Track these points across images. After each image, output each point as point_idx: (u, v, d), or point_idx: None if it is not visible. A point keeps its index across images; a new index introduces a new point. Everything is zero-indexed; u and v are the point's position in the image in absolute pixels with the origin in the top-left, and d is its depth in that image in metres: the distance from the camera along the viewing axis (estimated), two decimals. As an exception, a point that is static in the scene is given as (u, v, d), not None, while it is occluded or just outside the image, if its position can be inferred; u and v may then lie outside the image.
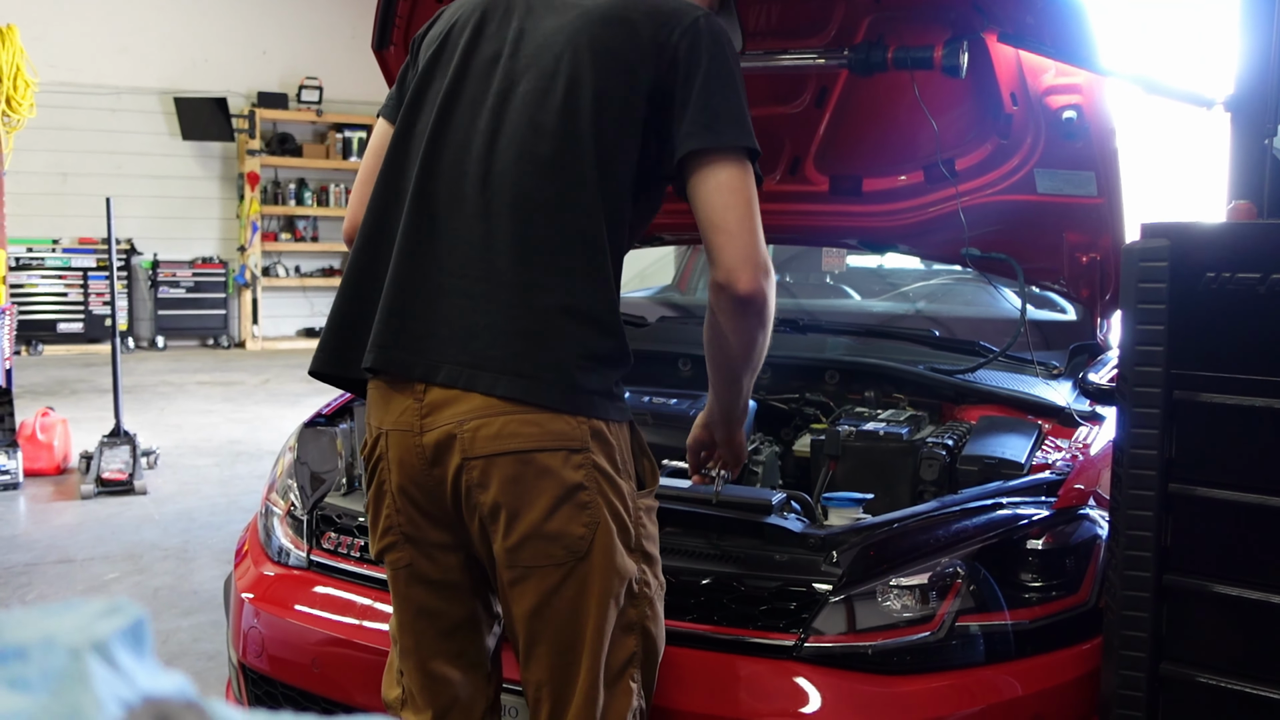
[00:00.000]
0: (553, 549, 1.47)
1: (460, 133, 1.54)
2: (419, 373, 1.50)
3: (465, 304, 1.48)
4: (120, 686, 0.40)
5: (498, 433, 1.45)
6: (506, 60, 1.55)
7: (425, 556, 1.59)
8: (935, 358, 2.57)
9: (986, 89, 2.34)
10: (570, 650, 1.51)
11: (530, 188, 1.48)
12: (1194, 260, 1.52)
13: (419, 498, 1.55)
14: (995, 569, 1.79)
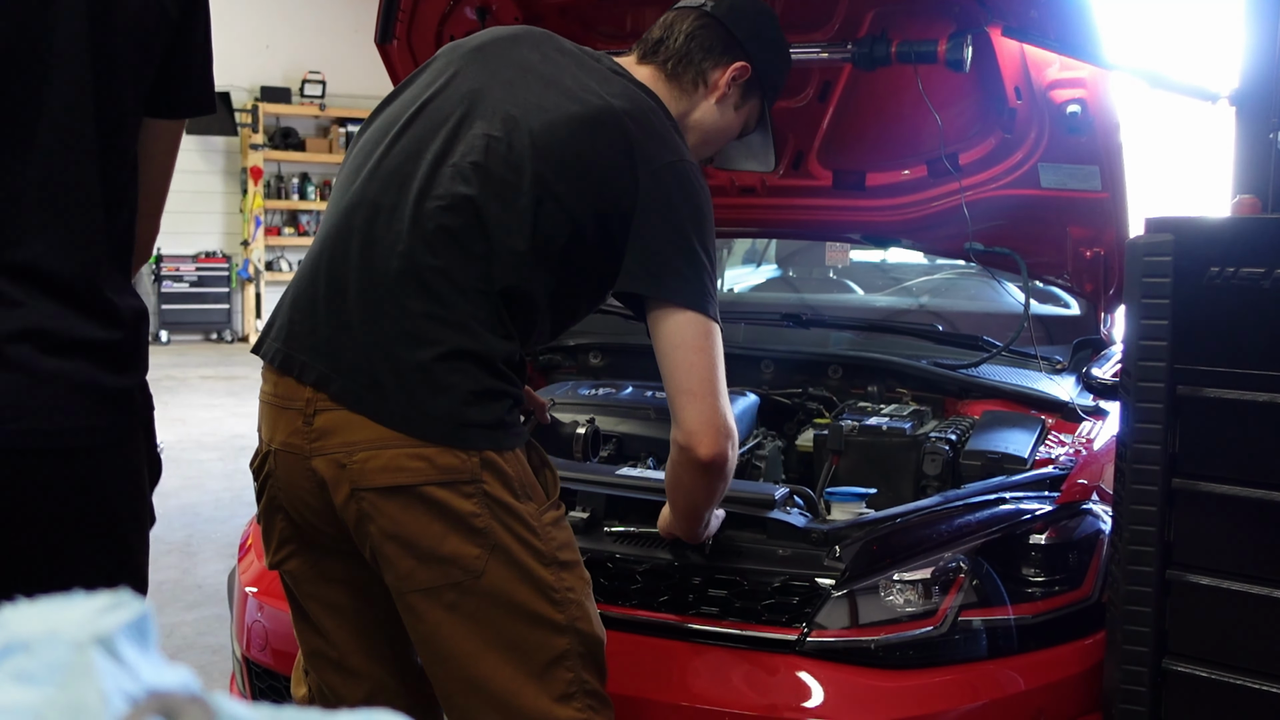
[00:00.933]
0: (450, 570, 1.44)
1: (409, 161, 1.51)
2: (312, 378, 1.46)
3: (366, 319, 1.45)
4: (125, 680, 0.40)
5: (386, 465, 1.42)
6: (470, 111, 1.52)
7: (328, 557, 1.58)
8: (938, 352, 2.57)
9: (990, 83, 2.34)
10: (473, 663, 1.47)
11: (450, 235, 1.45)
12: (1198, 255, 1.51)
13: (312, 517, 1.53)
14: (998, 564, 1.79)
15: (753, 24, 1.70)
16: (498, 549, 1.44)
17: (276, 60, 10.87)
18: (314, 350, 1.47)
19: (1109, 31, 2.04)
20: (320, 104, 10.84)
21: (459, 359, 1.43)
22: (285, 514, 1.55)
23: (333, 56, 10.89)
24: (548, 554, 1.49)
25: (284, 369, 1.49)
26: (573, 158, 1.48)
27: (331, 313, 1.47)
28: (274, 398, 1.52)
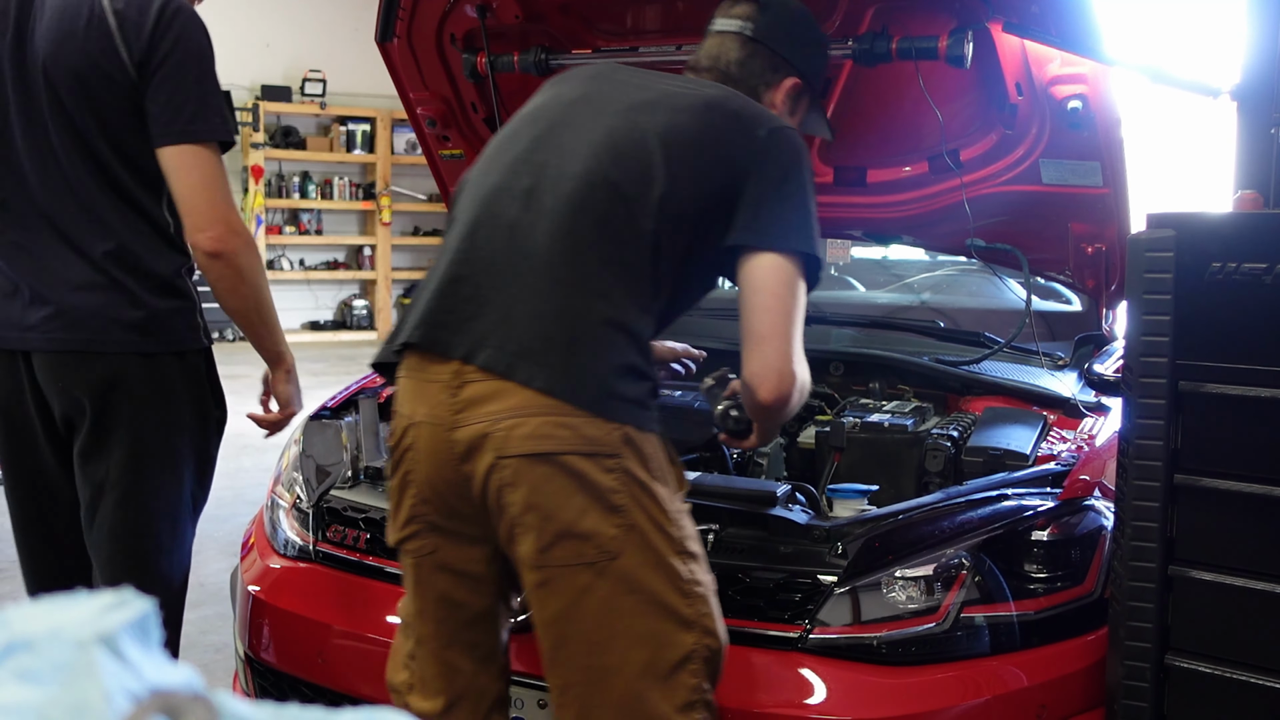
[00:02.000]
0: (584, 548, 1.45)
1: (545, 150, 1.61)
2: (460, 352, 1.50)
3: (517, 294, 1.51)
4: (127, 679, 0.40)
5: (532, 433, 1.45)
6: (611, 102, 1.65)
7: (451, 546, 1.59)
8: (940, 349, 2.57)
9: (991, 79, 2.33)
10: (602, 650, 1.48)
11: (594, 216, 1.54)
12: (1200, 250, 1.51)
13: (447, 492, 1.54)
14: (1000, 560, 1.79)
15: (793, 36, 1.82)
16: (634, 530, 1.46)
17: (277, 59, 10.87)
18: (459, 328, 1.52)
19: (1110, 27, 2.03)
20: (321, 102, 10.84)
21: (609, 330, 1.49)
22: (417, 489, 1.57)
23: (333, 55, 10.88)
24: (678, 541, 1.50)
25: (428, 347, 1.54)
26: (694, 138, 1.59)
27: (479, 291, 1.53)
28: (416, 375, 1.56)
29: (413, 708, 1.65)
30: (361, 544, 2.14)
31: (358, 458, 2.27)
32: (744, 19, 1.80)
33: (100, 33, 1.83)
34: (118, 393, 1.91)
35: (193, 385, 1.97)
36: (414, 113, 2.88)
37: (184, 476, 1.98)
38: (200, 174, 1.85)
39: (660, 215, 1.53)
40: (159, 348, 1.93)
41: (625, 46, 2.60)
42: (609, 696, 1.48)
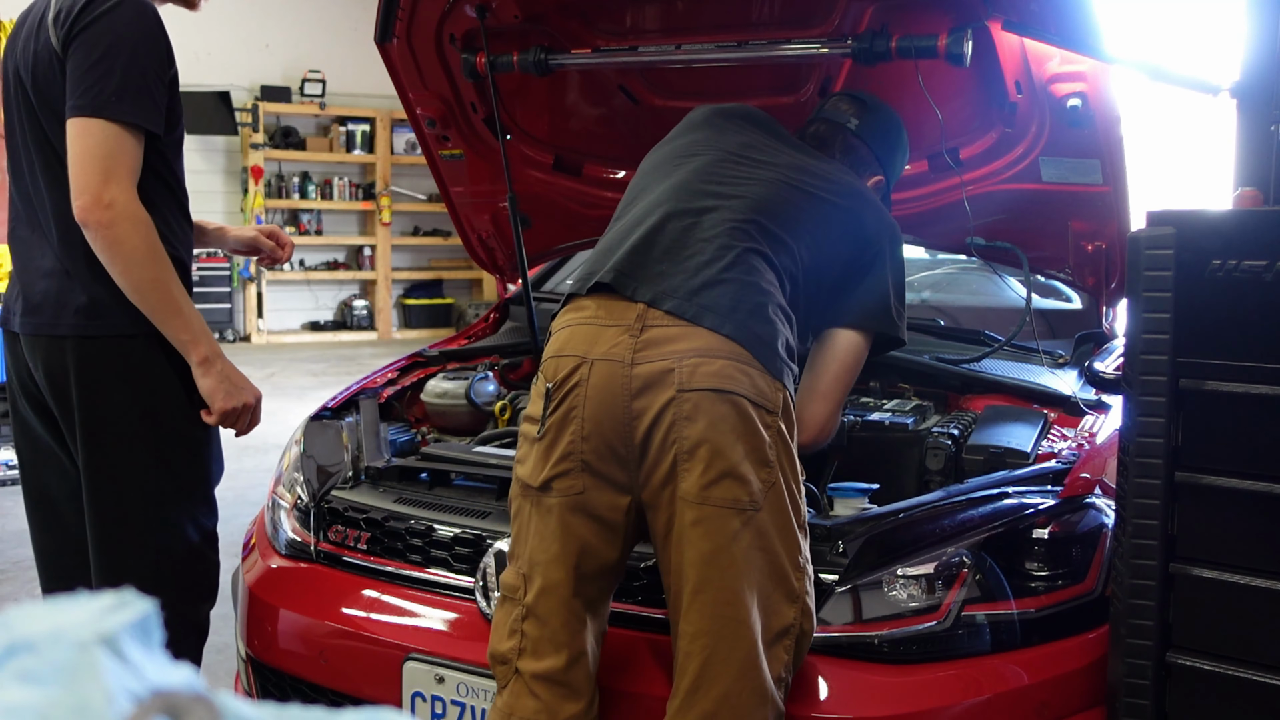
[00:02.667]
0: (740, 492, 1.54)
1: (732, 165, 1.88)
2: (647, 297, 1.66)
3: (704, 262, 1.69)
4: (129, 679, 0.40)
5: (718, 372, 1.58)
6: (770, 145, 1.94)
7: (597, 489, 1.63)
8: (940, 347, 2.57)
9: (991, 77, 2.33)
10: (738, 602, 1.54)
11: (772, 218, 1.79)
12: (1200, 248, 1.51)
13: (609, 430, 1.61)
14: (1001, 558, 1.79)
15: (887, 141, 2.11)
16: (775, 488, 1.58)
17: (276, 59, 10.87)
18: (649, 280, 1.68)
19: (1110, 25, 2.03)
20: (320, 103, 10.84)
21: (779, 309, 1.70)
22: (579, 425, 1.63)
23: (333, 55, 10.89)
24: (801, 514, 1.63)
25: (615, 290, 1.69)
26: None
27: (668, 255, 1.71)
28: (596, 318, 1.69)
29: (525, 672, 1.65)
30: (363, 544, 2.14)
31: (358, 458, 2.27)
32: (851, 115, 2.09)
33: (43, 28, 1.90)
34: (70, 376, 1.95)
35: (149, 367, 1.96)
36: (413, 113, 2.88)
37: (151, 459, 1.97)
38: (80, 145, 1.84)
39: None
40: (104, 330, 1.94)
41: (625, 46, 2.60)
42: (735, 651, 1.54)
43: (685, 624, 1.57)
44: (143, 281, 1.90)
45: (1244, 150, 1.97)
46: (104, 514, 1.98)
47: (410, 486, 2.22)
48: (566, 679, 1.65)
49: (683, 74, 2.71)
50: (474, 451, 2.27)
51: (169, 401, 1.99)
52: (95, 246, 1.87)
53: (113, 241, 1.86)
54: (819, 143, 2.06)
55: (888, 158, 2.11)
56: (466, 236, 3.21)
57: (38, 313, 1.97)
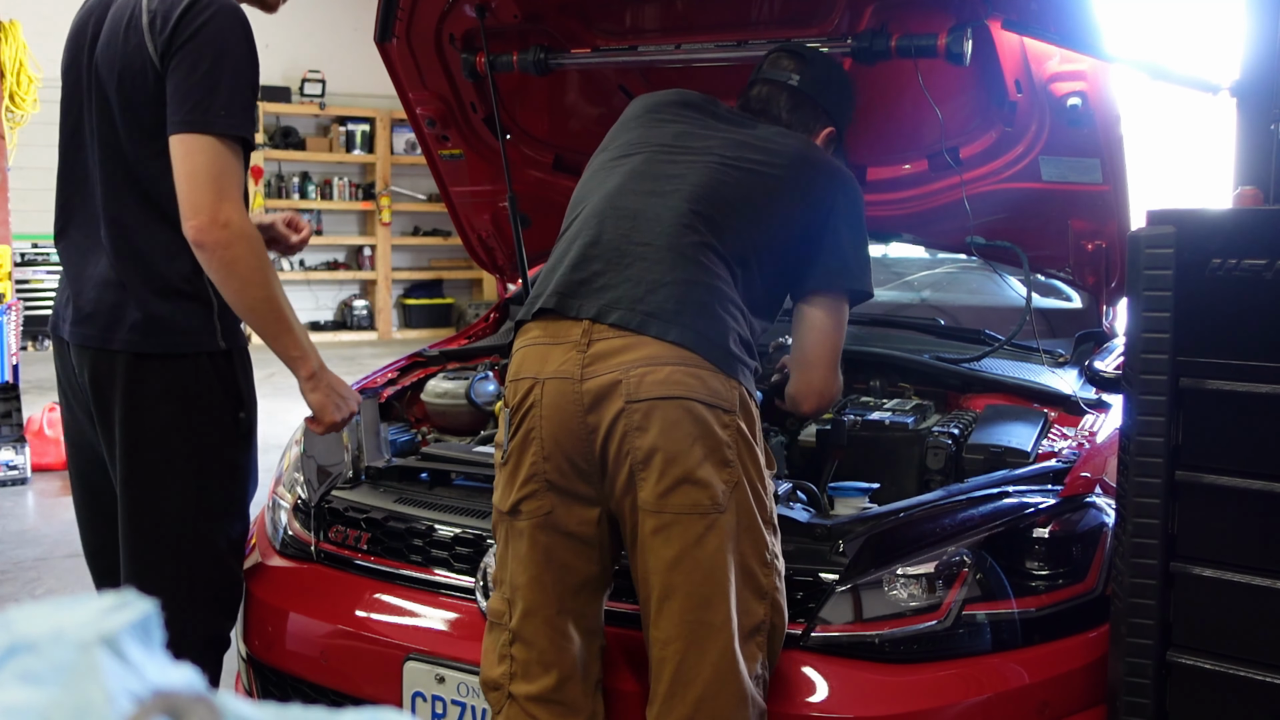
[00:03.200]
0: (700, 497, 1.54)
1: (662, 163, 1.85)
2: (590, 313, 1.64)
3: (646, 267, 1.67)
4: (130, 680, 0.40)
5: (664, 379, 1.57)
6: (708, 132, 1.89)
7: (565, 506, 1.64)
8: (940, 346, 2.57)
9: (991, 76, 2.33)
10: (706, 606, 1.55)
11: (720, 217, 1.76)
12: (1200, 247, 1.51)
13: (568, 446, 1.61)
14: (1002, 557, 1.79)
15: (832, 90, 2.06)
16: (739, 488, 1.57)
17: (276, 59, 10.86)
18: (590, 295, 1.67)
19: (1109, 24, 2.03)
20: (320, 103, 10.84)
21: (728, 305, 1.67)
22: (539, 445, 1.64)
23: (332, 55, 10.88)
24: (768, 511, 1.62)
25: (559, 311, 1.68)
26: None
27: (608, 266, 1.69)
28: (544, 338, 1.69)
29: (519, 695, 1.66)
30: (363, 544, 2.14)
31: (359, 458, 2.27)
32: (791, 71, 2.03)
33: (134, 31, 1.86)
34: (117, 390, 1.93)
35: (198, 387, 1.95)
36: (413, 113, 2.88)
37: (190, 478, 1.96)
38: (192, 163, 1.82)
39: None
40: (157, 349, 1.93)
41: (624, 45, 2.60)
42: (707, 654, 1.54)
43: (655, 630, 1.58)
44: (257, 300, 1.89)
45: (1244, 149, 1.96)
46: (137, 525, 1.97)
47: (410, 486, 2.22)
48: (561, 697, 1.66)
49: (682, 73, 2.71)
50: (474, 451, 2.27)
51: (213, 423, 1.97)
52: (209, 266, 1.85)
53: (230, 261, 1.84)
54: (763, 105, 2.01)
55: (835, 107, 2.05)
56: (466, 236, 3.21)
57: (88, 323, 1.95)
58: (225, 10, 1.84)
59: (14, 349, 5.53)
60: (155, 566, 1.98)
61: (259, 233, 1.90)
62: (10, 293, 5.75)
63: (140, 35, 1.85)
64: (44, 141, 10.64)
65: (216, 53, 1.82)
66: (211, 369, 1.96)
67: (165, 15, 1.83)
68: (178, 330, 1.93)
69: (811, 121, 2.02)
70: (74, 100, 1.99)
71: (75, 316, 1.98)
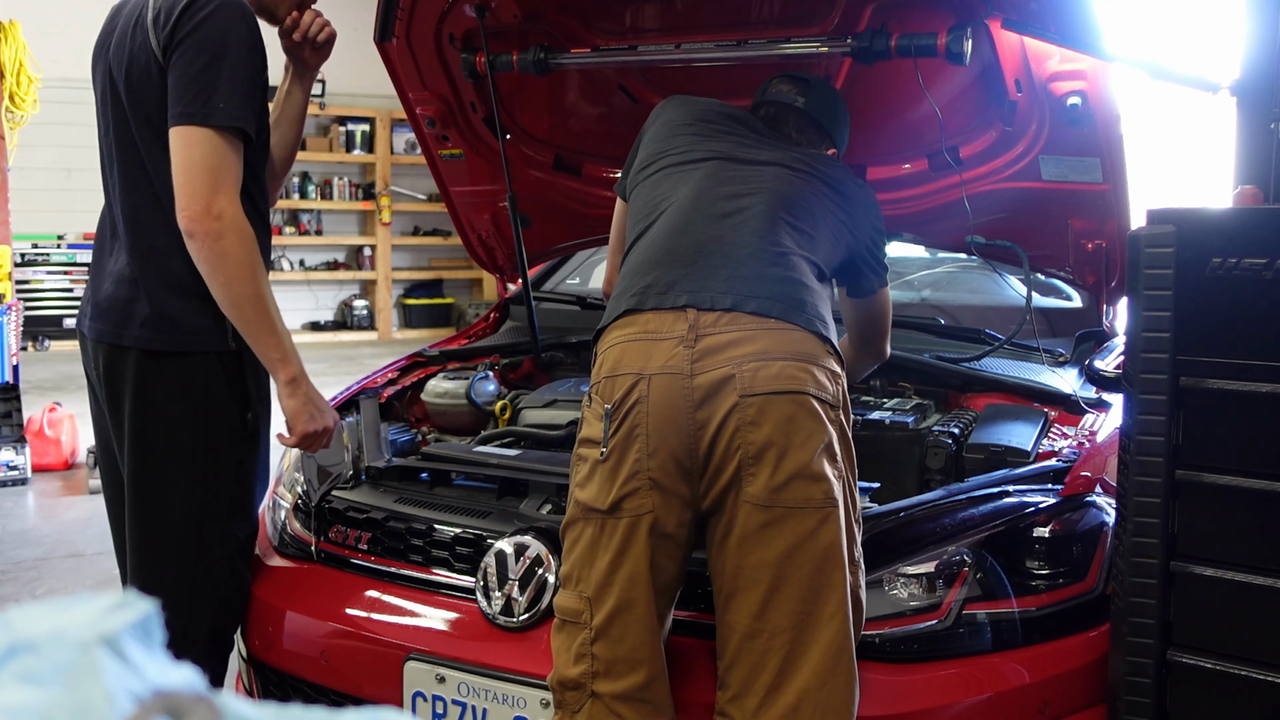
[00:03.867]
0: (814, 491, 1.55)
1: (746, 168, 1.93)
2: (697, 303, 1.66)
3: (743, 261, 1.72)
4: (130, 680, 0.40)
5: (778, 374, 1.58)
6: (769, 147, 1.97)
7: (664, 506, 1.62)
8: (941, 346, 2.57)
9: (991, 76, 2.33)
10: (818, 597, 1.55)
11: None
12: (1200, 246, 1.51)
13: (675, 443, 1.60)
14: (1002, 557, 1.79)
15: (834, 113, 2.15)
16: (844, 483, 1.59)
17: (275, 59, 10.82)
18: (690, 287, 1.69)
19: (1109, 23, 2.03)
20: (320, 103, 10.84)
21: (819, 300, 1.73)
22: (645, 442, 1.61)
23: (332, 55, 10.84)
24: (858, 510, 1.65)
25: (657, 306, 1.69)
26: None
27: (703, 263, 1.72)
28: (647, 333, 1.68)
29: (604, 694, 1.63)
30: (364, 544, 2.14)
31: (359, 458, 2.27)
32: (795, 94, 2.10)
33: (140, 28, 1.88)
34: (127, 385, 1.95)
35: (206, 386, 1.96)
36: (413, 112, 2.88)
37: (196, 475, 1.97)
38: (187, 155, 1.82)
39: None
40: (167, 346, 1.94)
41: (624, 45, 2.60)
42: (818, 644, 1.55)
43: (763, 622, 1.56)
44: (242, 296, 1.87)
45: (1244, 148, 1.96)
46: (143, 521, 1.99)
47: (411, 486, 2.22)
48: (649, 695, 1.63)
49: (682, 73, 2.71)
50: (474, 451, 2.27)
51: (221, 422, 1.98)
52: (198, 257, 1.85)
53: (219, 254, 1.83)
54: (773, 125, 2.09)
55: (836, 130, 2.15)
56: (466, 236, 3.20)
57: (103, 319, 1.98)
58: (227, 5, 1.85)
59: (14, 349, 5.53)
60: (160, 563, 1.99)
61: (251, 228, 1.89)
62: (10, 293, 5.75)
63: (145, 32, 1.87)
64: (44, 142, 10.72)
65: (217, 46, 1.83)
66: (220, 368, 1.97)
67: (169, 11, 1.85)
68: (187, 328, 1.94)
69: (818, 141, 2.11)
70: (100, 103, 2.03)
71: (93, 312, 2.01)
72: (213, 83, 1.82)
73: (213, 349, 1.96)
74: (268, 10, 2.07)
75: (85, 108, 10.01)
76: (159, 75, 1.87)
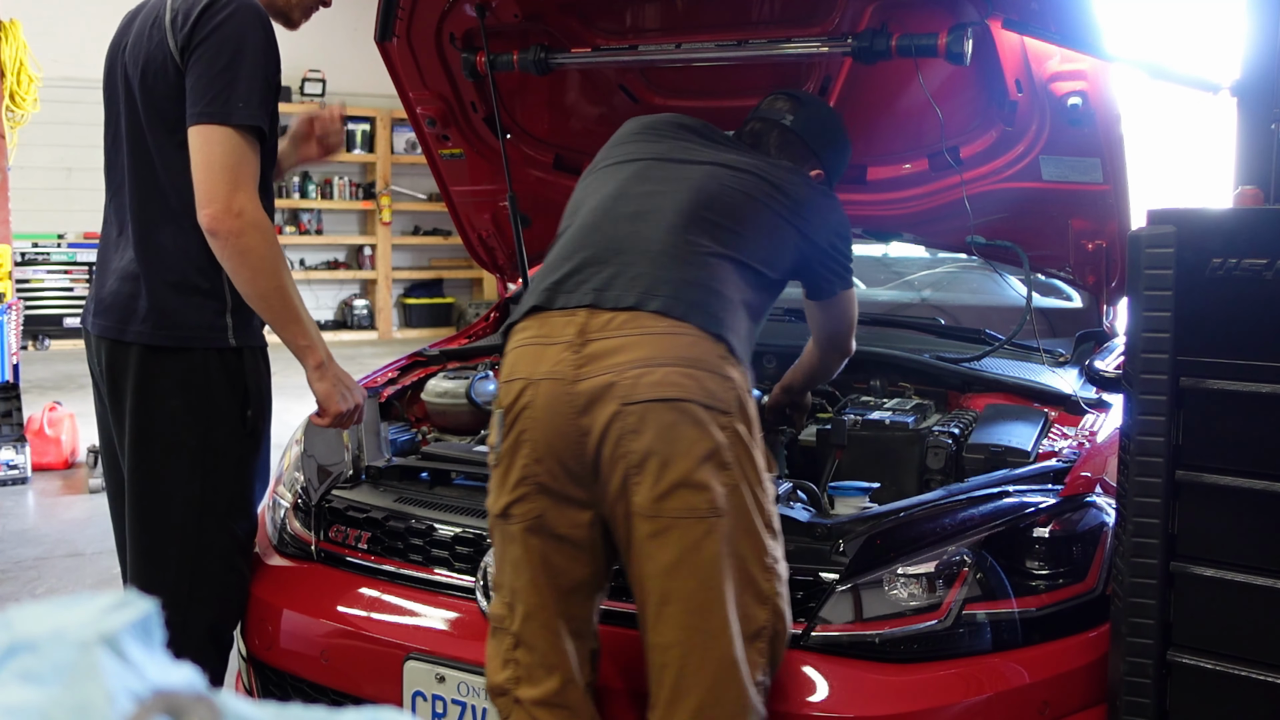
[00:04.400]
0: (698, 500, 1.52)
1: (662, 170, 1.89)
2: (585, 300, 1.64)
3: (647, 262, 1.68)
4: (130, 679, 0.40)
5: (659, 381, 1.54)
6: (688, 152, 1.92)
7: (556, 509, 1.62)
8: (941, 346, 2.57)
9: (991, 76, 2.33)
10: (705, 611, 1.53)
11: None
12: (1200, 247, 1.51)
13: (560, 449, 1.59)
14: (1002, 557, 1.79)
15: (824, 135, 2.11)
16: (737, 491, 1.55)
17: (287, 60, 10.85)
18: (584, 287, 1.66)
19: (1110, 23, 2.03)
20: (320, 102, 10.82)
21: (727, 302, 1.68)
22: (531, 448, 1.61)
23: (333, 55, 10.86)
24: (767, 514, 1.60)
25: (548, 305, 1.68)
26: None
27: (605, 262, 1.69)
28: (536, 338, 1.66)
29: (525, 700, 1.64)
30: (363, 543, 2.14)
31: (359, 457, 2.27)
32: (786, 112, 2.08)
33: (157, 28, 1.91)
34: (129, 381, 1.97)
35: (206, 383, 1.97)
36: (414, 112, 2.88)
37: (196, 471, 1.98)
38: (206, 153, 1.85)
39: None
40: (168, 341, 1.95)
41: (625, 45, 2.60)
42: (707, 661, 1.52)
43: (655, 635, 1.56)
44: (268, 290, 1.92)
45: (1244, 148, 1.96)
46: (142, 517, 2.00)
47: (411, 486, 2.22)
48: (564, 700, 1.65)
49: (683, 73, 2.71)
50: (474, 451, 2.27)
51: (221, 419, 2.00)
52: (221, 254, 1.88)
53: (242, 250, 1.87)
54: (755, 139, 2.06)
55: (825, 151, 2.10)
56: (467, 236, 3.20)
57: (106, 315, 2.00)
58: (244, 7, 1.89)
59: (14, 348, 5.53)
60: (159, 560, 2.00)
61: (270, 223, 1.93)
62: (10, 292, 5.75)
63: (162, 32, 1.90)
64: (44, 141, 10.71)
65: (235, 47, 1.86)
66: (221, 365, 1.99)
67: (186, 12, 1.88)
68: (187, 325, 1.96)
69: (800, 161, 2.06)
70: (111, 101, 2.06)
71: (97, 307, 2.03)
72: (231, 83, 1.86)
73: (213, 346, 1.97)
74: (282, 13, 2.09)
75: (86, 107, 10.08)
76: (175, 75, 1.89)
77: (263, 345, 2.06)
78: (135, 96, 1.96)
